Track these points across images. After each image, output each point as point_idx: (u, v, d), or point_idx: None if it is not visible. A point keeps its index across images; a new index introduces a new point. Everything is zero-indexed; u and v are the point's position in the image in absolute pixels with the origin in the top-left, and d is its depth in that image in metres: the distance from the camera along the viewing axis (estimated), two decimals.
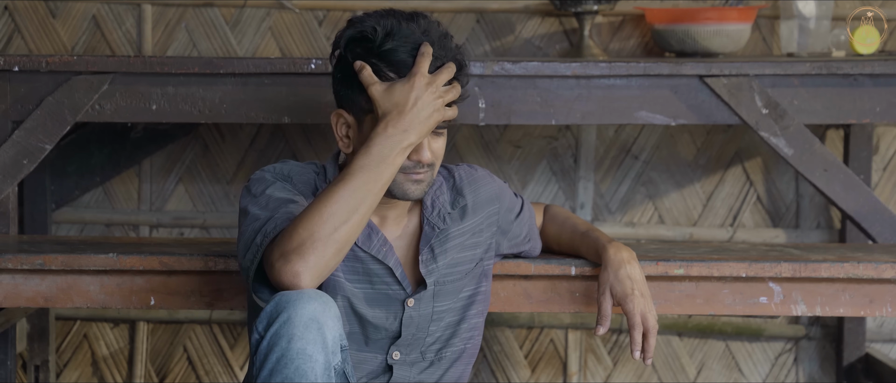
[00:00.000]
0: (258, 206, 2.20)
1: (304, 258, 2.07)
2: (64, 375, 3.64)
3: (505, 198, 2.44)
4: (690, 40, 3.25)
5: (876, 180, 3.55)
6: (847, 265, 2.55)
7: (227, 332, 3.63)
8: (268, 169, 2.29)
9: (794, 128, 2.92)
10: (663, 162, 3.58)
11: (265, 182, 2.25)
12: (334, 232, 2.09)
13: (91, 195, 3.60)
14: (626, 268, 2.37)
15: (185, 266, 2.52)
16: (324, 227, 2.08)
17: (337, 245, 2.09)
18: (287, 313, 2.02)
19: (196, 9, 3.54)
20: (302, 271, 2.07)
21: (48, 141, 2.88)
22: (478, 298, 2.38)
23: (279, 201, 2.20)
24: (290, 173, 2.28)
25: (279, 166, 2.30)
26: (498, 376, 3.62)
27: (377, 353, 2.30)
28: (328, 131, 3.54)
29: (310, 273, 2.07)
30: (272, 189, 2.23)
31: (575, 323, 3.60)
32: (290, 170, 2.30)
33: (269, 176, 2.27)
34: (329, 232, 2.08)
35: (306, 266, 2.07)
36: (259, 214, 2.18)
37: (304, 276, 2.07)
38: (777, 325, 3.61)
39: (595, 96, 2.94)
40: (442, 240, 2.33)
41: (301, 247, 2.07)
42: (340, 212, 2.10)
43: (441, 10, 3.50)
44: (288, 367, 2.01)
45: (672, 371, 3.62)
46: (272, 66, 2.88)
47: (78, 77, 2.87)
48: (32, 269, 2.54)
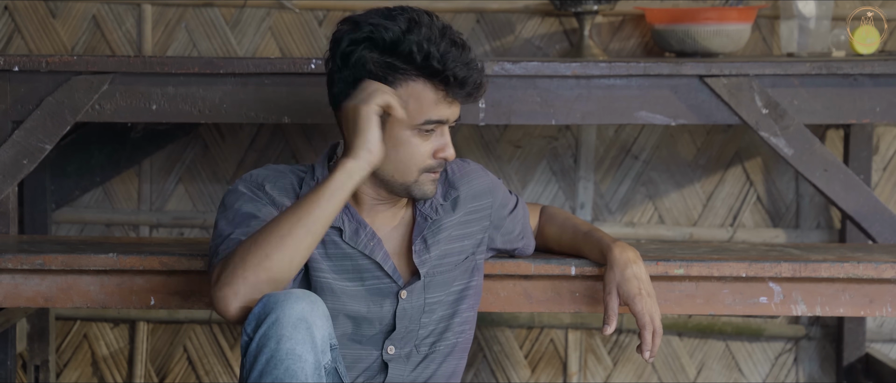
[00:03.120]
0: (225, 220, 2.23)
1: (232, 286, 2.09)
2: (64, 375, 3.64)
3: (498, 192, 2.45)
4: (690, 40, 3.25)
5: (876, 180, 3.55)
6: (847, 265, 2.55)
7: (227, 332, 3.63)
8: (244, 178, 2.30)
9: (794, 128, 2.92)
10: (663, 162, 3.58)
11: (237, 194, 2.27)
12: (265, 259, 2.09)
13: (91, 195, 3.60)
14: (632, 267, 2.37)
15: (185, 266, 2.52)
16: (253, 256, 2.09)
17: (268, 273, 2.10)
18: (275, 314, 2.02)
19: (196, 9, 3.54)
20: (230, 300, 2.09)
21: (48, 141, 2.88)
22: (469, 292, 2.38)
23: (243, 216, 2.22)
24: (264, 181, 2.28)
25: (256, 173, 2.31)
26: (498, 376, 3.62)
27: (372, 349, 2.30)
28: (328, 131, 3.54)
29: (238, 301, 2.09)
30: (241, 202, 2.25)
31: (575, 323, 3.60)
32: (266, 176, 2.30)
33: (242, 187, 2.28)
34: (259, 260, 2.09)
35: (235, 295, 2.09)
36: (223, 230, 2.22)
37: (233, 304, 2.09)
38: (777, 325, 3.61)
39: (595, 96, 2.94)
40: (434, 231, 2.33)
41: (232, 276, 2.09)
42: (271, 240, 2.10)
43: (441, 10, 3.50)
44: (278, 368, 2.01)
45: (672, 371, 3.62)
46: (272, 66, 2.88)
47: (78, 77, 2.87)
48: (32, 269, 2.54)
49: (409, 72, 2.18)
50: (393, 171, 2.24)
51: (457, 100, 2.21)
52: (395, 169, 2.23)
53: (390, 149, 2.21)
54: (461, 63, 2.17)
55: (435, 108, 2.20)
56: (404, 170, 2.23)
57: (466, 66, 2.18)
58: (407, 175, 2.24)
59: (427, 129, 2.21)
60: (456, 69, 2.17)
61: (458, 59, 2.17)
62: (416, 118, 2.20)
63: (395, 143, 2.21)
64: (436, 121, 2.21)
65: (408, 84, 2.19)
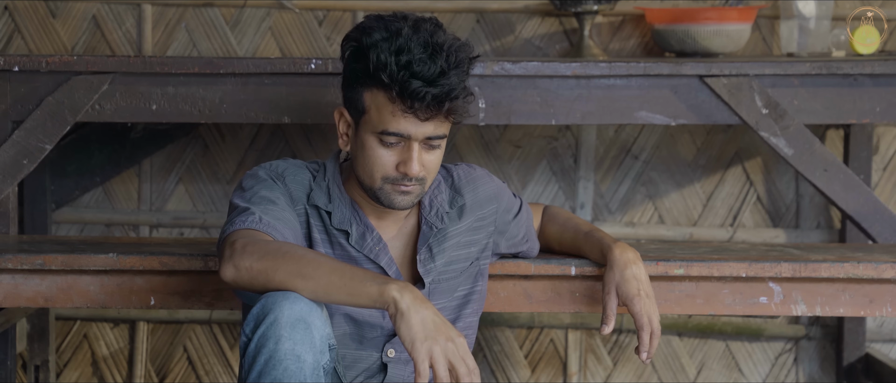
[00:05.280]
0: (243, 200, 2.23)
1: (236, 269, 2.09)
2: (64, 375, 3.64)
3: (503, 197, 2.44)
4: (690, 40, 3.25)
5: (876, 180, 3.55)
6: (847, 265, 2.55)
7: (227, 332, 3.63)
8: (264, 166, 2.30)
9: (794, 128, 2.92)
10: (663, 162, 3.58)
11: (256, 178, 2.27)
12: (267, 279, 2.08)
13: (91, 195, 3.60)
14: (632, 268, 2.37)
15: (185, 266, 2.52)
16: (260, 263, 2.08)
17: (266, 287, 2.09)
18: (274, 314, 2.02)
19: (196, 9, 3.54)
20: (229, 274, 2.10)
21: (48, 141, 2.88)
22: (473, 298, 2.38)
23: (260, 199, 2.22)
24: (284, 172, 2.29)
25: (277, 164, 2.31)
26: (498, 376, 3.62)
27: (372, 351, 2.30)
28: (328, 131, 3.54)
29: (235, 279, 2.10)
30: (259, 186, 2.25)
31: (575, 323, 3.60)
32: (285, 168, 2.30)
33: (262, 173, 2.28)
34: (263, 273, 2.08)
35: (235, 274, 2.10)
36: (239, 205, 2.22)
37: (230, 278, 2.10)
38: (777, 325, 3.61)
39: (595, 96, 2.94)
40: (440, 239, 2.33)
41: (239, 263, 2.09)
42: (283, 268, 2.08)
43: (441, 10, 3.50)
44: (276, 368, 2.01)
45: (672, 371, 3.62)
46: (272, 66, 2.88)
47: (78, 77, 2.87)
48: (32, 269, 2.54)
49: (372, 79, 2.17)
50: (361, 173, 2.25)
51: (416, 116, 2.17)
52: (362, 171, 2.24)
53: (359, 149, 2.23)
54: (420, 79, 2.13)
55: (392, 120, 2.17)
56: (369, 174, 2.23)
57: (427, 84, 2.13)
58: (371, 180, 2.23)
59: (389, 141, 2.20)
60: (409, 83, 2.13)
61: (418, 74, 2.13)
62: (376, 126, 2.19)
63: (362, 145, 2.22)
64: (394, 134, 2.18)
65: (372, 91, 2.18)
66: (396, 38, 2.15)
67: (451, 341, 2.00)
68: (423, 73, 2.13)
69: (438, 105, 2.15)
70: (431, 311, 2.02)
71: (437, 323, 2.01)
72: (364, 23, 2.21)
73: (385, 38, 2.16)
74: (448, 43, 2.17)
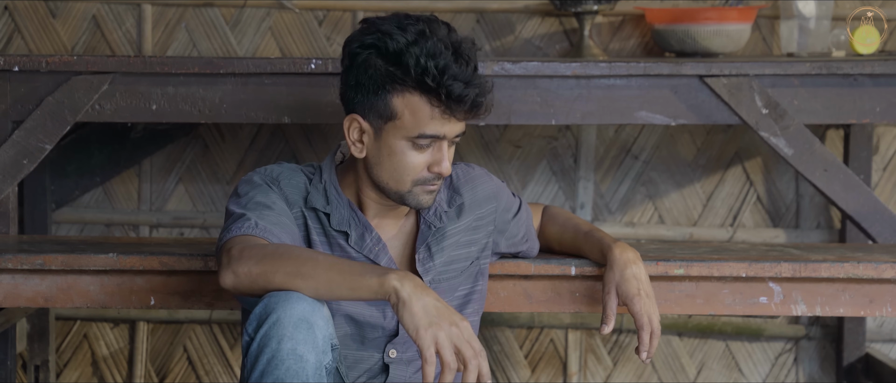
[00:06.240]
0: (238, 206, 2.23)
1: (235, 274, 2.09)
2: (64, 375, 3.64)
3: (502, 197, 2.44)
4: (690, 40, 3.25)
5: (876, 180, 3.55)
6: (847, 265, 2.55)
7: (227, 332, 3.63)
8: (259, 171, 2.30)
9: (794, 128, 2.92)
10: (663, 162, 3.58)
11: (252, 184, 2.27)
12: (281, 284, 2.08)
13: (91, 195, 3.60)
14: (632, 268, 2.37)
15: (185, 266, 2.52)
16: (259, 266, 2.08)
17: (266, 289, 2.09)
18: (276, 314, 2.02)
19: (196, 9, 3.54)
20: (228, 281, 2.10)
21: (48, 141, 2.88)
22: (474, 297, 2.38)
23: (256, 205, 2.22)
24: (279, 176, 2.29)
25: (271, 168, 2.30)
26: (498, 376, 3.62)
27: (374, 352, 2.30)
28: (328, 131, 3.54)
29: (235, 286, 2.10)
30: (254, 191, 2.25)
31: (575, 323, 3.60)
32: (280, 173, 2.30)
33: (257, 178, 2.28)
34: (263, 275, 2.08)
35: (234, 280, 2.09)
36: (235, 211, 2.22)
37: (230, 284, 2.10)
38: (777, 325, 3.61)
39: (595, 96, 2.94)
40: (438, 238, 2.33)
41: (237, 268, 2.09)
42: (282, 268, 2.08)
43: (441, 10, 3.50)
44: (279, 368, 2.01)
45: (672, 371, 3.62)
46: (272, 66, 2.88)
47: (78, 77, 2.87)
48: (32, 269, 2.54)
49: (407, 84, 2.17)
50: (387, 179, 2.24)
51: (454, 117, 2.19)
52: (389, 176, 2.23)
53: (386, 156, 2.22)
54: (461, 81, 2.15)
55: (430, 123, 2.18)
56: (398, 178, 2.23)
57: (466, 85, 2.15)
58: (400, 184, 2.24)
59: (422, 143, 2.21)
60: (452, 87, 2.14)
61: (458, 76, 2.15)
62: (411, 130, 2.19)
63: (390, 151, 2.21)
64: (430, 136, 2.19)
65: (405, 95, 2.18)
66: (424, 40, 2.15)
67: (455, 325, 2.00)
68: (460, 74, 2.15)
69: (477, 104, 2.18)
70: (433, 298, 2.02)
71: (440, 309, 2.01)
72: (375, 27, 2.19)
73: (413, 42, 2.15)
74: (462, 41, 2.19)
